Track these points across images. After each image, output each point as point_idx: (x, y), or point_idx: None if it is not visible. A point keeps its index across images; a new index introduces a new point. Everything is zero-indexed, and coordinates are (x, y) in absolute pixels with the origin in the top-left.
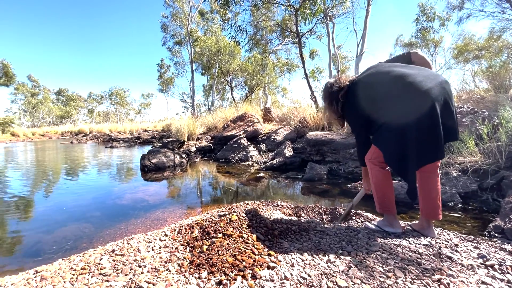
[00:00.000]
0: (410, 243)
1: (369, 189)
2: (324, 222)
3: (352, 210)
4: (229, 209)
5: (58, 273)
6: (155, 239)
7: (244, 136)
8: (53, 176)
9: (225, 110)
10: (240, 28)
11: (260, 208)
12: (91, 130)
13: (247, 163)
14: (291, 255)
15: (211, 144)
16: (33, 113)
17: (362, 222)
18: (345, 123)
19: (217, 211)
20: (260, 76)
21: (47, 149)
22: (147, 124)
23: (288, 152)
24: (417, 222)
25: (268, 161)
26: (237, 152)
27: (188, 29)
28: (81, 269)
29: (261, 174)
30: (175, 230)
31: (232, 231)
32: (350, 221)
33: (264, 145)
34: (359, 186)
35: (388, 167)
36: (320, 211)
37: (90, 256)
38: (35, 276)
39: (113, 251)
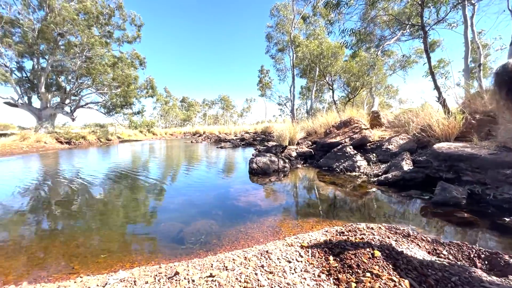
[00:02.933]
0: None
1: None
2: (486, 272)
3: None
4: (349, 230)
5: (229, 281)
6: (293, 259)
7: (350, 143)
8: (181, 172)
9: (326, 115)
10: (353, 31)
11: (389, 237)
12: (204, 131)
13: (353, 173)
14: None
15: (312, 150)
16: (166, 117)
17: None
18: None
19: (336, 230)
20: (366, 76)
21: (175, 147)
22: (247, 126)
23: (407, 165)
24: None
25: (380, 173)
26: (342, 160)
27: (291, 36)
28: (244, 281)
29: (373, 189)
30: (308, 251)
31: (379, 271)
32: None
33: (374, 154)
34: None
35: None
36: (472, 253)
37: (246, 268)
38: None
39: (262, 266)
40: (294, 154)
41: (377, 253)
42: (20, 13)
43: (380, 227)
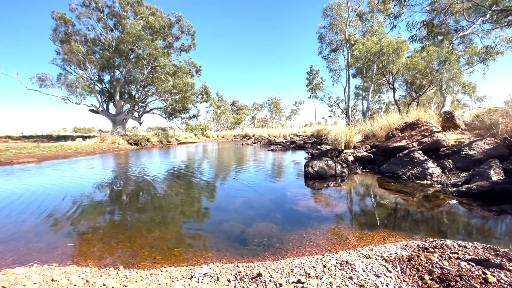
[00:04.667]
0: None
1: None
2: None
3: None
4: (434, 246)
5: None
6: (381, 274)
7: (419, 148)
8: (235, 173)
9: (388, 117)
10: (425, 22)
11: (488, 258)
12: (254, 134)
13: (424, 182)
14: None
15: (371, 155)
16: (218, 120)
17: None
18: None
19: (417, 245)
20: (436, 72)
21: (226, 149)
22: (296, 129)
23: (496, 174)
24: None
25: (459, 183)
26: (409, 167)
27: (346, 34)
28: None
29: (452, 201)
30: (395, 266)
31: None
32: None
33: (450, 161)
34: None
35: None
36: None
37: (334, 278)
38: None
39: (350, 277)
40: (351, 158)
41: (491, 278)
42: (101, 33)
43: (475, 247)
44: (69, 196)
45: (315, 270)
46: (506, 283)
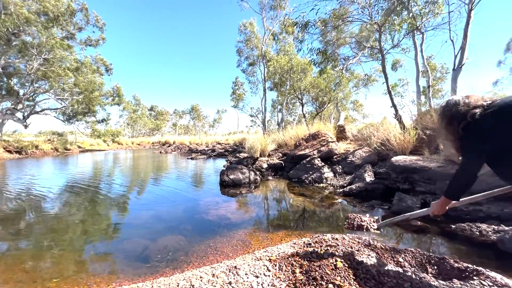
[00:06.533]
0: None
1: (437, 214)
2: (434, 276)
3: (469, 265)
4: (316, 241)
5: None
6: (260, 274)
7: (318, 156)
8: (148, 184)
9: (296, 128)
10: (320, 50)
11: (352, 247)
12: (174, 141)
13: (321, 185)
14: None
15: (282, 162)
16: (133, 126)
17: (490, 286)
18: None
19: (303, 242)
20: (333, 92)
21: (142, 157)
22: (219, 137)
23: (369, 177)
24: None
25: (345, 185)
26: (311, 172)
27: (262, 51)
28: None
29: (339, 200)
30: (275, 265)
31: (341, 281)
32: (470, 281)
33: (340, 166)
34: (467, 229)
35: None
36: (423, 259)
37: (213, 286)
38: None
39: (230, 283)
40: (265, 165)
41: (340, 264)
42: None
43: (344, 237)
44: None
45: (201, 280)
46: (350, 266)
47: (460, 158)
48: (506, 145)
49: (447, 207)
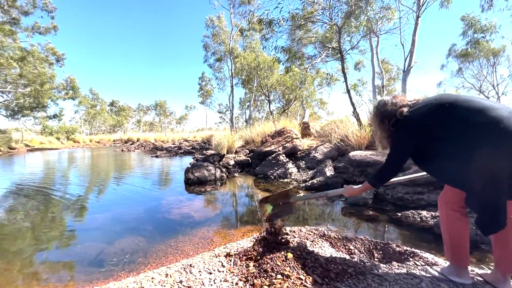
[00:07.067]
0: None
1: (349, 195)
2: (379, 260)
3: (407, 248)
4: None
5: None
6: (214, 270)
7: (283, 152)
8: (108, 184)
9: (263, 125)
10: (284, 48)
11: (307, 238)
12: (138, 139)
13: (286, 180)
14: None
15: (249, 158)
16: (91, 122)
17: (422, 265)
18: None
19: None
20: (298, 90)
21: (101, 156)
22: (187, 134)
23: (329, 171)
24: (489, 272)
25: (308, 179)
26: (276, 168)
27: (229, 47)
28: None
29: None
30: (230, 260)
31: (289, 271)
32: (407, 262)
33: (304, 162)
34: (410, 216)
35: (469, 212)
36: (371, 246)
37: (162, 286)
38: None
39: (180, 281)
40: (232, 162)
41: (290, 255)
42: None
43: (301, 229)
44: None
45: (152, 281)
46: (300, 256)
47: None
48: (427, 142)
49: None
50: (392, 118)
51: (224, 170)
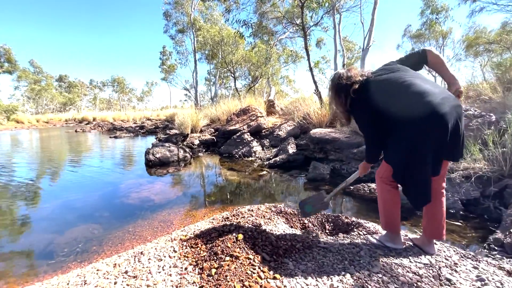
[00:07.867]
0: (410, 261)
1: (361, 174)
2: (327, 233)
3: (354, 219)
4: (234, 215)
5: None
6: (165, 257)
7: (247, 130)
8: (60, 170)
9: (229, 102)
10: (245, 22)
11: (264, 216)
12: (95, 118)
13: (250, 158)
14: (296, 278)
15: (214, 138)
16: (37, 100)
17: (364, 235)
18: (351, 119)
19: (222, 216)
20: (264, 66)
21: (52, 138)
22: (149, 112)
23: (292, 149)
24: (418, 237)
25: (271, 157)
26: (241, 147)
27: (191, 17)
28: None
29: (264, 172)
30: (183, 245)
31: (239, 252)
32: (352, 233)
33: (268, 140)
34: (361, 189)
35: (399, 186)
36: (323, 219)
37: (106, 278)
38: None
39: (126, 272)
40: (196, 142)
41: (240, 236)
42: None
43: (259, 208)
44: None
45: (97, 273)
46: (251, 236)
47: (348, 126)
48: (378, 116)
49: (369, 168)
50: (347, 95)
51: (188, 150)
